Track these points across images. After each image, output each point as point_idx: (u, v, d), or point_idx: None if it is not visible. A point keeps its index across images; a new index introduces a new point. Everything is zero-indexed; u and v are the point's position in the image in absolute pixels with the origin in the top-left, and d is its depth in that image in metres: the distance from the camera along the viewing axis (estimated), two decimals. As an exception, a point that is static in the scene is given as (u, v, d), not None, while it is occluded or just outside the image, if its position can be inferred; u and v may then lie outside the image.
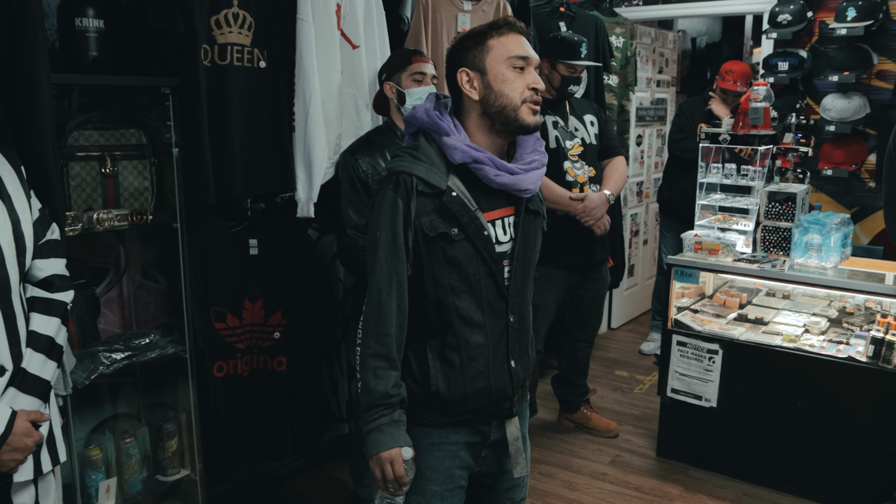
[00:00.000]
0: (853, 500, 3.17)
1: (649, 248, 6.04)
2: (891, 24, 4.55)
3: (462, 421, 1.80)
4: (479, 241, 1.72)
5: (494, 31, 1.72)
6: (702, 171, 3.75)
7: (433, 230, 1.69)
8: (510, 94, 1.70)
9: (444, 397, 1.75)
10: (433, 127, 1.73)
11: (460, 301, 1.73)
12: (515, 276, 1.79)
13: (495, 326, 1.78)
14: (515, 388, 1.83)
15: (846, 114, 4.54)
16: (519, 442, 1.87)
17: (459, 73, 1.73)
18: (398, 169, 1.71)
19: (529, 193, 1.78)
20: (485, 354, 1.77)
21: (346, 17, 2.94)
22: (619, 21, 4.73)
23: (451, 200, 1.70)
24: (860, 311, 3.62)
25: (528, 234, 1.82)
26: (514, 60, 1.71)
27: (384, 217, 1.69)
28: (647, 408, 4.28)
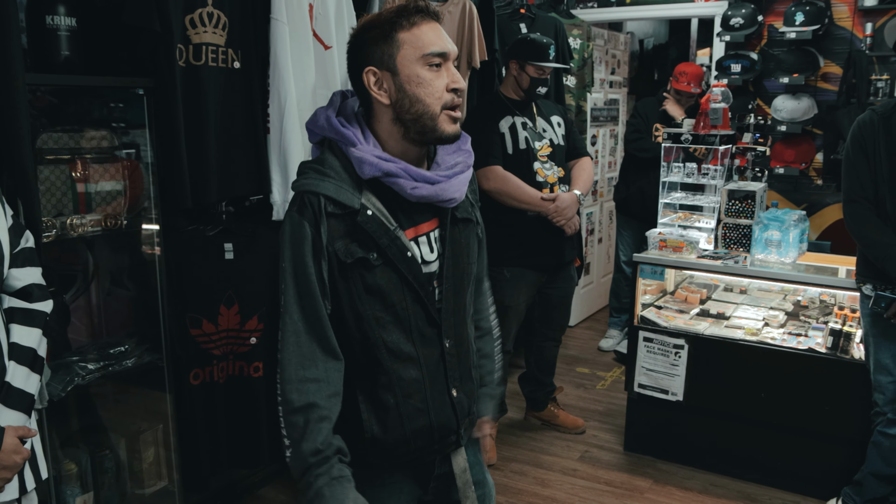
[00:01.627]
0: (816, 487, 3.29)
1: (604, 246, 6.14)
2: (835, 28, 4.75)
3: (405, 462, 1.60)
4: (403, 264, 1.49)
5: (405, 21, 1.45)
6: (664, 170, 3.83)
7: (349, 256, 1.46)
8: (427, 100, 1.46)
9: (380, 443, 1.54)
10: (337, 136, 1.48)
11: (387, 334, 1.51)
12: (447, 296, 1.57)
13: (429, 356, 1.56)
14: (461, 418, 1.63)
15: (796, 114, 4.72)
16: (467, 474, 1.69)
17: (366, 72, 1.47)
18: (302, 188, 1.47)
19: (455, 202, 1.55)
20: (421, 389, 1.55)
21: (318, 18, 2.91)
22: (576, 23, 4.81)
23: (367, 220, 1.46)
24: (815, 304, 3.75)
25: (458, 247, 1.60)
26: (431, 58, 1.44)
27: (289, 246, 1.45)
28: (611, 403, 4.35)
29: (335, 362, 1.48)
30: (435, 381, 1.57)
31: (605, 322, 5.56)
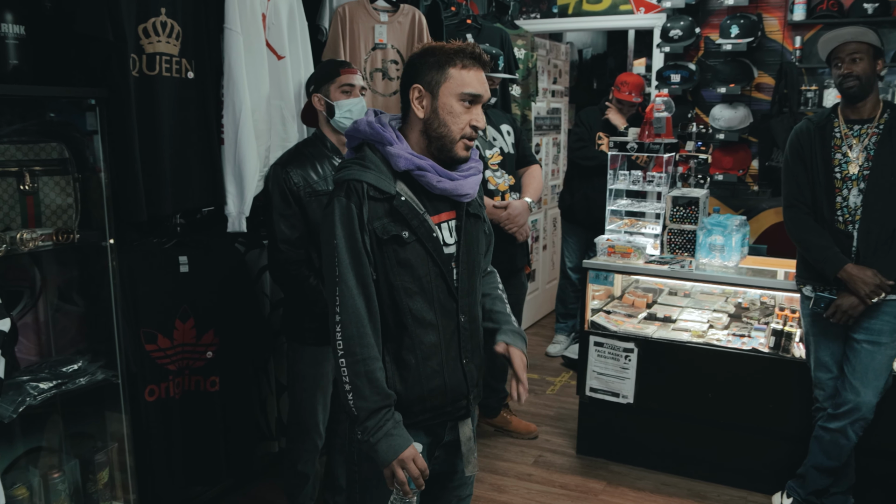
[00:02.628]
0: (762, 482, 3.40)
1: (549, 253, 6.23)
2: (767, 41, 4.96)
3: (421, 421, 1.84)
4: (430, 242, 1.79)
5: (459, 61, 1.77)
6: (610, 177, 3.92)
7: (386, 233, 1.75)
8: (452, 127, 1.77)
9: (402, 398, 1.80)
10: (377, 137, 1.79)
11: (413, 302, 1.79)
12: (462, 277, 1.86)
13: (447, 326, 1.84)
14: (470, 386, 1.89)
15: (733, 123, 4.89)
16: (471, 442, 1.94)
17: (413, 88, 1.79)
18: (348, 177, 1.76)
19: (469, 198, 1.86)
20: (439, 353, 1.82)
21: (270, 28, 2.89)
22: (520, 33, 4.88)
23: (402, 204, 1.76)
24: (755, 306, 3.89)
25: (470, 237, 1.90)
26: (466, 96, 1.77)
27: (340, 224, 1.73)
28: (562, 408, 4.42)
29: (378, 323, 1.77)
30: (450, 349, 1.85)
31: (552, 328, 5.64)
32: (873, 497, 3.20)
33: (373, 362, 1.73)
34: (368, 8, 3.41)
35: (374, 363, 1.73)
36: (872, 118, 2.86)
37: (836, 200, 2.89)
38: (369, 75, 3.44)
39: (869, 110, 2.87)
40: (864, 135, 2.86)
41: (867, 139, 2.85)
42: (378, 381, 1.73)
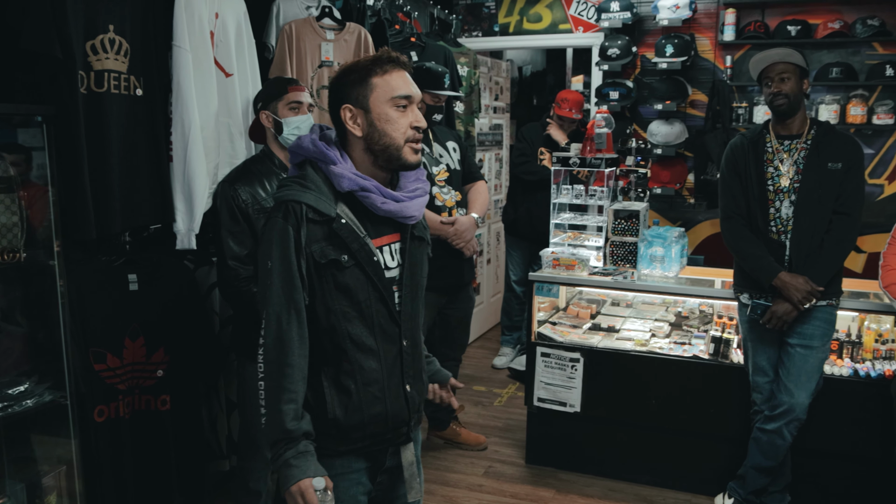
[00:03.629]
0: (705, 484, 3.52)
1: (493, 267, 6.32)
2: (700, 60, 5.16)
3: (360, 448, 1.80)
4: (369, 266, 1.74)
5: (378, 69, 1.73)
6: (554, 192, 4.02)
7: (324, 257, 1.71)
8: (393, 134, 1.73)
9: (341, 424, 1.75)
10: (320, 156, 1.75)
11: (353, 327, 1.75)
12: (405, 301, 1.82)
13: (389, 351, 1.80)
14: (412, 412, 1.85)
15: (669, 138, 5.07)
16: (413, 467, 1.90)
17: (343, 109, 1.74)
18: (287, 197, 1.71)
19: (414, 220, 1.82)
20: (380, 380, 1.78)
21: (219, 45, 2.90)
22: (462, 51, 4.97)
23: (341, 227, 1.72)
24: (695, 315, 4.03)
25: (414, 260, 1.85)
26: (398, 100, 1.73)
27: (276, 246, 1.69)
28: (510, 419, 4.48)
29: (306, 349, 1.72)
30: (392, 375, 1.81)
31: (498, 340, 5.71)
32: (808, 494, 3.34)
33: (286, 393, 1.67)
34: (315, 26, 3.44)
35: (287, 394, 1.67)
36: (801, 134, 3.02)
37: (769, 212, 3.03)
38: (316, 92, 3.47)
39: (797, 126, 3.03)
40: (794, 149, 3.02)
41: (796, 154, 3.01)
42: (284, 413, 1.66)
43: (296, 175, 1.78)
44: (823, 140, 2.98)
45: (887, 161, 4.87)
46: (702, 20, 5.15)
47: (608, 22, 5.19)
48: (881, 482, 3.23)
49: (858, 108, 4.72)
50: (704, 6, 5.12)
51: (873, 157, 4.89)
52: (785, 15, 4.90)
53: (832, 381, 3.24)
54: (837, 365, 3.36)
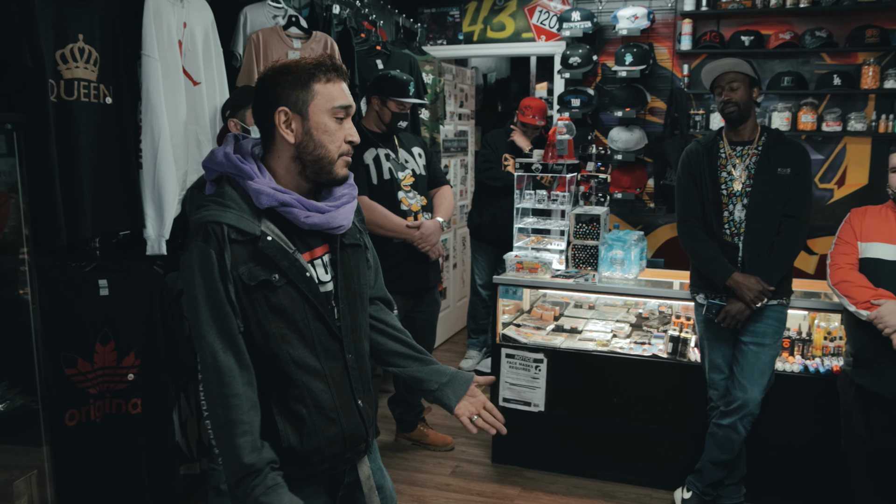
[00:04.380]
0: (665, 479, 3.63)
1: (459, 271, 6.40)
2: (658, 69, 5.31)
3: (320, 472, 1.72)
4: (303, 283, 1.64)
5: (322, 76, 1.63)
6: (517, 197, 4.12)
7: (253, 279, 1.59)
8: (329, 146, 1.65)
9: (298, 452, 1.67)
10: (235, 171, 1.63)
11: (293, 350, 1.64)
12: (344, 313, 1.73)
13: (334, 369, 1.71)
14: (368, 426, 1.79)
15: (629, 144, 5.20)
16: (371, 481, 1.84)
17: (278, 112, 1.62)
18: (206, 219, 1.58)
19: (343, 229, 1.73)
20: (330, 400, 1.69)
21: (187, 54, 2.95)
22: (428, 59, 5.05)
23: (268, 246, 1.61)
24: (654, 315, 4.15)
25: (348, 270, 1.76)
26: (338, 110, 1.65)
27: (199, 272, 1.56)
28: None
29: (250, 376, 1.60)
30: (342, 393, 1.73)
31: (464, 344, 5.79)
32: (762, 485, 3.47)
33: (237, 426, 1.55)
34: (282, 34, 3.50)
35: (237, 427, 1.55)
36: (752, 140, 3.15)
37: (723, 215, 3.16)
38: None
39: (749, 133, 3.16)
40: (746, 155, 3.15)
41: (748, 159, 3.14)
42: (239, 447, 1.55)
43: (213, 193, 1.66)
44: (773, 146, 3.11)
45: (836, 167, 5.06)
46: (660, 30, 5.30)
47: (569, 31, 5.32)
48: (831, 473, 3.36)
49: (809, 115, 4.90)
50: (662, 17, 5.28)
51: (823, 162, 5.08)
52: (739, 25, 5.07)
53: (784, 378, 3.38)
54: (789, 362, 3.50)
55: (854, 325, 2.96)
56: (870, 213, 3.00)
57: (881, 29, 4.70)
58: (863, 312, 2.83)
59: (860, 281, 2.90)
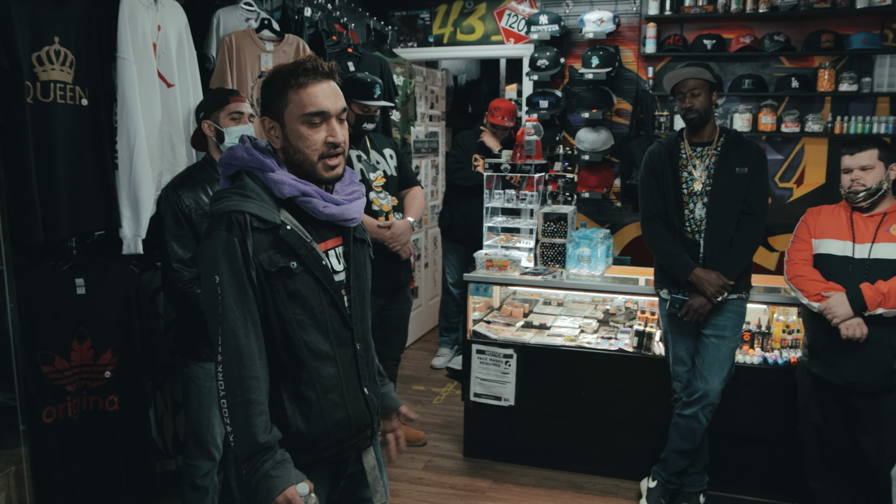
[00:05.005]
0: (632, 469, 3.74)
1: (430, 270, 6.48)
2: (624, 71, 5.44)
3: (326, 458, 1.78)
4: (319, 271, 1.72)
5: (294, 81, 1.68)
6: (487, 196, 4.21)
7: (273, 266, 1.67)
8: (306, 151, 1.70)
9: (305, 436, 1.73)
10: (257, 164, 1.71)
11: (308, 335, 1.72)
12: (355, 304, 1.81)
13: (344, 356, 1.78)
14: (373, 413, 1.85)
15: (596, 145, 5.33)
16: (376, 471, 1.90)
17: (262, 120, 1.74)
18: (228, 208, 1.66)
19: (355, 222, 1.81)
20: (339, 385, 1.76)
21: (161, 57, 3.00)
22: (398, 61, 5.12)
23: (288, 234, 1.69)
24: (621, 311, 4.27)
25: (359, 262, 1.86)
26: (310, 117, 1.68)
27: (223, 259, 1.63)
28: (448, 416, 4.65)
29: (265, 361, 1.69)
30: (349, 379, 1.80)
31: (436, 342, 5.87)
32: (724, 473, 3.60)
33: (252, 406, 1.64)
34: (254, 37, 3.55)
35: (253, 407, 1.64)
36: (711, 141, 3.28)
37: (684, 213, 3.28)
38: (256, 102, 3.58)
39: (708, 135, 3.28)
40: (706, 156, 3.27)
41: (708, 160, 3.26)
42: (255, 426, 1.63)
43: (233, 186, 1.74)
44: (731, 147, 3.24)
45: (795, 166, 5.23)
46: (625, 33, 5.43)
47: (537, 34, 5.44)
48: (790, 461, 3.50)
49: (768, 116, 5.06)
50: (627, 20, 5.41)
51: (783, 162, 5.24)
52: (701, 29, 5.22)
53: (745, 369, 3.51)
54: (749, 354, 3.63)
55: (808, 316, 3.10)
56: (824, 212, 3.14)
57: (836, 34, 4.87)
58: (814, 304, 2.97)
59: (813, 275, 3.03)
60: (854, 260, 2.97)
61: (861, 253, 2.97)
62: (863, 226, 3.00)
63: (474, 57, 6.68)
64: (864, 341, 2.89)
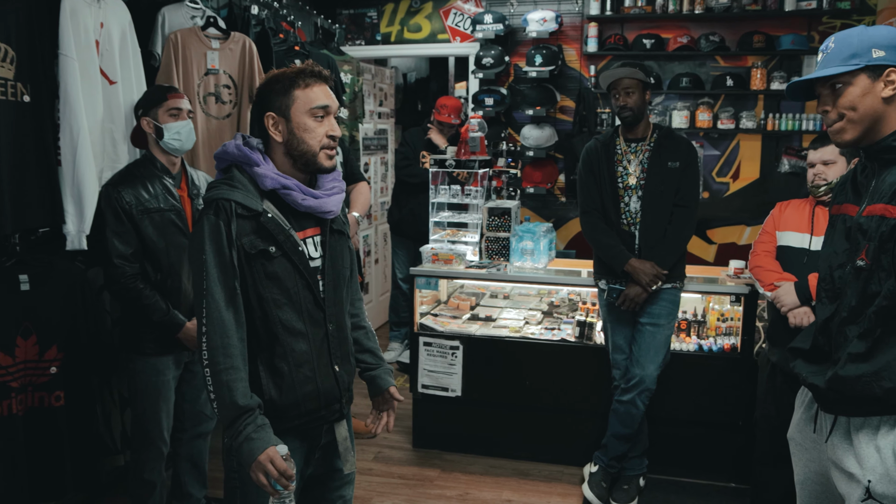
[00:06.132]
0: (576, 455, 3.87)
1: (380, 266, 6.54)
2: (567, 69, 5.58)
3: (297, 426, 1.95)
4: (295, 256, 1.92)
5: (301, 82, 1.92)
6: (432, 192, 4.30)
7: (254, 248, 1.87)
8: (310, 142, 1.93)
9: (277, 404, 1.91)
10: (244, 159, 1.93)
11: (283, 313, 1.92)
12: (328, 288, 2.00)
13: (317, 334, 1.97)
14: (343, 390, 2.03)
15: (541, 141, 5.45)
16: (347, 442, 2.09)
17: (266, 116, 1.94)
18: (217, 196, 1.87)
19: (333, 215, 2.01)
20: (310, 361, 1.95)
21: (104, 54, 3.01)
22: (346, 59, 5.17)
23: (268, 221, 1.90)
24: (564, 303, 4.39)
25: (335, 252, 2.04)
26: (316, 111, 1.93)
27: (209, 240, 1.84)
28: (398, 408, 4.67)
29: (244, 333, 1.88)
30: (321, 356, 2.00)
31: (386, 336, 5.93)
32: (663, 456, 3.74)
33: (234, 372, 1.81)
34: (200, 35, 3.57)
35: (234, 373, 1.81)
36: (645, 137, 3.41)
37: (620, 206, 3.40)
38: (203, 99, 3.60)
39: (642, 131, 3.41)
40: (640, 151, 3.40)
41: (642, 155, 3.39)
42: (236, 390, 1.80)
43: (223, 177, 1.95)
44: (664, 142, 3.38)
45: (731, 162, 5.43)
46: (568, 32, 5.57)
47: (482, 33, 5.54)
48: (726, 444, 3.66)
49: (705, 113, 5.24)
50: (570, 20, 5.55)
51: (719, 158, 5.44)
52: (641, 29, 5.38)
53: (681, 356, 3.66)
54: (685, 342, 3.78)
55: (769, 306, 3.17)
56: (791, 206, 3.21)
57: (767, 35, 5.07)
58: (767, 293, 3.08)
59: (771, 266, 3.13)
60: (810, 252, 3.02)
61: (817, 245, 2.99)
62: (822, 219, 3.02)
63: (421, 55, 6.77)
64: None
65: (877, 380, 1.79)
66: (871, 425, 1.86)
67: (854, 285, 1.87)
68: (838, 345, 1.90)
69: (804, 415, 2.12)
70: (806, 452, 2.12)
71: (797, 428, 2.15)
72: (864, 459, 1.85)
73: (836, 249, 1.98)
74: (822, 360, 1.98)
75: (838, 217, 2.02)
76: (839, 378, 1.86)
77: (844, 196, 2.03)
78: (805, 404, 2.13)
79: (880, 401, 1.80)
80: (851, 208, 1.96)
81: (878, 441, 1.84)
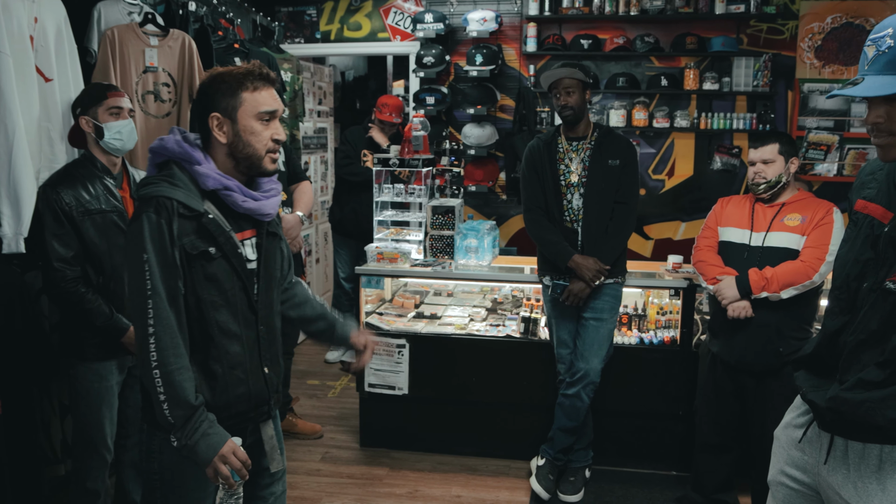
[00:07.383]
0: (523, 450, 3.93)
1: (322, 265, 6.50)
2: (507, 68, 5.65)
3: (227, 426, 1.91)
4: (235, 258, 1.92)
5: (249, 84, 1.89)
6: (376, 191, 4.30)
7: (194, 249, 1.85)
8: (256, 146, 1.91)
9: (209, 405, 1.89)
10: (185, 157, 1.89)
11: (220, 315, 1.91)
12: (262, 291, 2.01)
13: (249, 337, 1.97)
14: (271, 391, 2.04)
15: (482, 140, 5.51)
16: (273, 440, 2.08)
17: (211, 117, 1.90)
18: (157, 193, 1.82)
19: (270, 217, 2.02)
20: (243, 363, 1.95)
21: (39, 51, 2.92)
22: (286, 57, 5.12)
23: (209, 222, 1.88)
24: (508, 300, 4.45)
25: (269, 254, 2.04)
26: (264, 115, 1.91)
27: (150, 239, 1.80)
28: (344, 408, 4.71)
29: (185, 334, 1.86)
30: (252, 357, 2.00)
31: (330, 336, 5.89)
32: (608, 448, 3.84)
33: (184, 372, 1.81)
34: (138, 32, 3.50)
35: (185, 373, 1.81)
36: (586, 136, 3.49)
37: (562, 204, 3.47)
38: (141, 97, 3.53)
39: (583, 130, 3.49)
40: (581, 150, 3.48)
41: (583, 153, 3.47)
42: (189, 389, 1.80)
43: (163, 173, 1.90)
44: (604, 141, 3.46)
45: (666, 159, 5.58)
46: (508, 32, 5.63)
47: (423, 32, 5.56)
48: (666, 433, 3.77)
49: (641, 112, 5.38)
50: (509, 20, 5.61)
51: (655, 155, 5.59)
52: (578, 30, 5.48)
53: (623, 350, 3.75)
54: (627, 335, 3.88)
55: (711, 299, 3.28)
56: (732, 202, 3.31)
57: (699, 37, 5.24)
58: (709, 287, 3.18)
59: (713, 260, 3.23)
60: (749, 247, 3.13)
61: (756, 241, 3.12)
62: (762, 215, 3.15)
63: (361, 53, 6.74)
64: (754, 324, 3.05)
65: (882, 408, 1.62)
66: (873, 455, 1.69)
67: (880, 308, 1.65)
68: (848, 366, 1.71)
69: (795, 420, 1.96)
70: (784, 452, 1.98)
71: (783, 429, 2.01)
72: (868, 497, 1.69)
73: (857, 257, 1.75)
74: (825, 373, 1.82)
75: (863, 217, 1.79)
76: (841, 399, 1.69)
77: (875, 192, 1.78)
78: (800, 411, 1.95)
79: (882, 430, 1.64)
80: (881, 211, 1.73)
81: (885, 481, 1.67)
